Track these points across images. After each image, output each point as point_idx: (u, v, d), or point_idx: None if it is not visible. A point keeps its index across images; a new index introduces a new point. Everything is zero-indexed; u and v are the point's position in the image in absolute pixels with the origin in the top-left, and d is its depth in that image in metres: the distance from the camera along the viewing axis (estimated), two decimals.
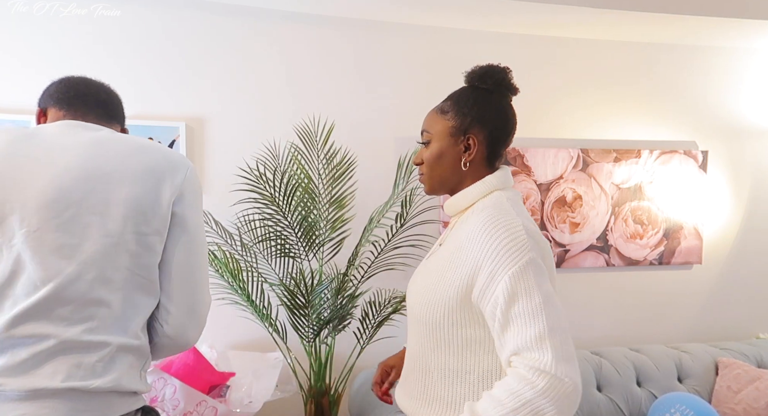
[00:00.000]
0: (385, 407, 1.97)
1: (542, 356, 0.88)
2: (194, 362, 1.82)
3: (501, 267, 0.95)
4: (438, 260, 1.10)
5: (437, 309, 1.04)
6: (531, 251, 0.96)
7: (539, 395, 0.87)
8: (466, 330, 1.03)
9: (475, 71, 1.13)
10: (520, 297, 0.93)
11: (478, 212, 1.06)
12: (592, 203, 2.68)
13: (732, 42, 2.75)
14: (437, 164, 1.12)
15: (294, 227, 2.09)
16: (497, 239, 0.96)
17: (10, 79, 2.09)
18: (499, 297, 0.94)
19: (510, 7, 2.22)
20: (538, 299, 0.92)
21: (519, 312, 0.92)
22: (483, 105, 1.11)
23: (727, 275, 2.92)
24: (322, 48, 2.38)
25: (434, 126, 1.13)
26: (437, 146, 1.12)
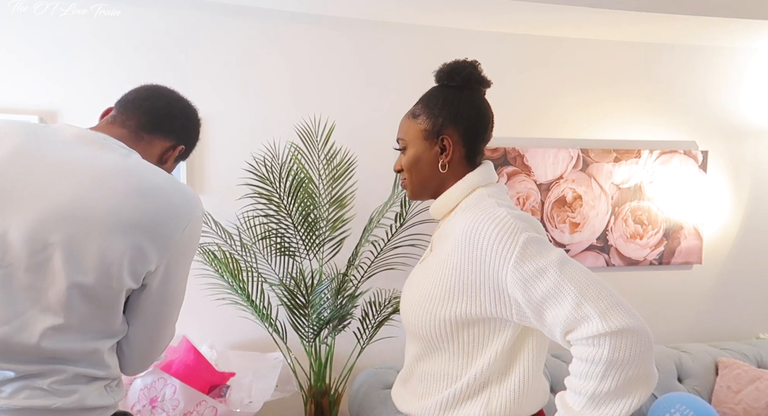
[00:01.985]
0: (385, 407, 1.97)
1: (589, 324, 0.87)
2: (194, 362, 1.82)
3: (500, 265, 0.93)
4: (428, 269, 1.08)
5: (431, 322, 1.03)
6: (522, 231, 0.93)
7: (611, 359, 0.85)
8: (461, 337, 1.02)
9: (442, 69, 1.11)
10: (534, 280, 0.90)
11: (461, 214, 1.05)
12: (592, 203, 2.68)
13: (732, 42, 2.75)
14: (416, 170, 1.10)
15: (295, 226, 2.09)
16: (484, 238, 0.94)
17: (11, 80, 2.09)
18: (516, 294, 0.92)
19: (510, 7, 2.22)
20: (553, 271, 0.90)
21: (543, 295, 0.90)
22: (454, 104, 1.08)
23: (727, 275, 2.92)
24: (323, 48, 2.38)
25: (408, 131, 1.11)
26: (413, 152, 1.10)
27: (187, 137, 1.18)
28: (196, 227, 1.02)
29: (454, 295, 0.99)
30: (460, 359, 1.03)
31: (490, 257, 0.94)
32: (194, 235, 1.03)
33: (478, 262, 0.95)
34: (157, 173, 1.00)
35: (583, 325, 0.87)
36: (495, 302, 0.96)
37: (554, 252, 0.93)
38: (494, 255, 0.93)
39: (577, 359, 0.90)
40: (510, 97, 2.55)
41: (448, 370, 1.05)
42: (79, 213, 0.88)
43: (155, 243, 0.94)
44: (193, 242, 1.03)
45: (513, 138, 2.55)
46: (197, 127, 1.22)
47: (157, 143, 1.11)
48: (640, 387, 0.87)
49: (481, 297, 0.97)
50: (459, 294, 0.99)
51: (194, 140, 1.21)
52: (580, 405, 0.89)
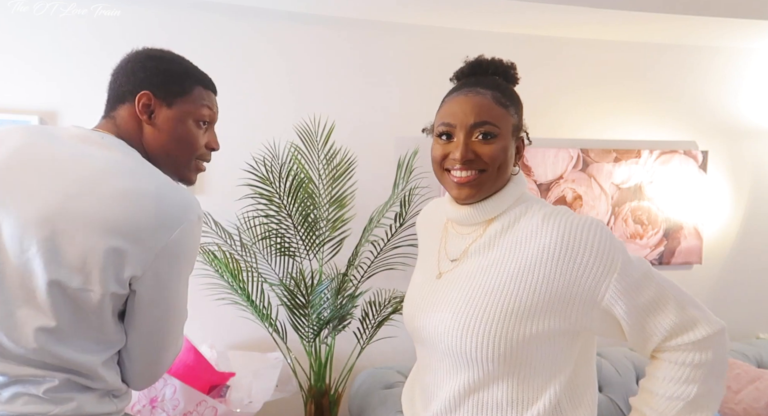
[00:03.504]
0: (385, 407, 1.97)
1: (696, 328, 0.88)
2: (194, 362, 1.82)
3: (605, 273, 0.86)
4: (475, 281, 0.94)
5: (501, 346, 0.88)
6: (618, 240, 0.90)
7: (714, 360, 0.88)
8: (536, 358, 0.90)
9: (502, 66, 1.04)
10: (640, 288, 0.87)
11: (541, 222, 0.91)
12: (592, 203, 2.68)
13: (732, 42, 2.75)
14: (503, 165, 0.95)
15: (295, 226, 2.09)
16: (587, 245, 0.86)
17: (11, 79, 2.09)
18: (616, 303, 0.87)
19: (510, 7, 2.22)
20: (654, 278, 0.89)
21: (648, 302, 0.88)
22: (521, 105, 1.01)
23: (727, 275, 2.91)
24: (323, 48, 2.38)
25: (501, 120, 0.95)
26: (503, 145, 0.95)
27: (141, 82, 1.02)
28: (188, 234, 0.96)
29: (537, 310, 0.88)
30: (531, 383, 0.91)
31: (592, 266, 0.86)
32: (186, 242, 0.96)
33: (575, 271, 0.87)
34: (150, 176, 0.95)
35: (691, 329, 0.88)
36: (583, 313, 0.89)
37: (641, 258, 0.92)
38: (598, 263, 0.86)
39: (675, 364, 0.89)
40: None
41: (516, 397, 0.91)
42: (65, 213, 0.87)
43: (138, 248, 0.89)
44: (186, 250, 0.97)
45: None
46: (151, 62, 1.03)
47: (123, 112, 1.02)
48: (722, 387, 0.91)
49: (569, 310, 0.88)
50: (544, 309, 0.88)
51: (159, 77, 1.03)
52: (674, 411, 0.88)
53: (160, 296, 0.97)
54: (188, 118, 1.05)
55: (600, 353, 2.44)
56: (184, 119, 1.05)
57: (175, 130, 1.05)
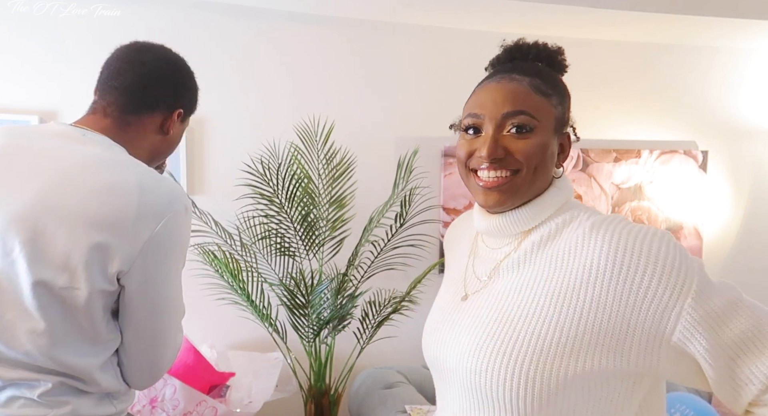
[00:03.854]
0: (385, 407, 1.97)
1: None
2: (194, 362, 1.82)
3: (674, 300, 0.67)
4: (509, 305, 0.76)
5: (538, 386, 0.69)
6: (691, 256, 0.70)
7: None
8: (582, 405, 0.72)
9: (547, 50, 0.86)
10: (727, 319, 0.67)
11: (588, 233, 0.73)
12: (592, 203, 2.68)
13: (732, 42, 2.75)
14: (541, 164, 0.78)
15: (295, 226, 2.09)
16: (648, 265, 0.67)
17: (10, 79, 2.09)
18: (693, 339, 0.67)
19: (510, 7, 2.22)
20: (745, 306, 0.69)
21: (739, 338, 0.67)
22: (568, 97, 0.84)
23: (727, 276, 2.91)
24: (322, 48, 2.38)
25: (541, 111, 0.77)
26: (542, 140, 0.77)
27: (179, 98, 1.05)
28: (175, 226, 0.92)
29: (585, 345, 0.69)
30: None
31: (656, 287, 0.67)
32: (173, 234, 0.92)
33: (633, 295, 0.68)
34: (131, 168, 0.93)
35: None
36: (647, 351, 0.68)
37: (726, 281, 0.72)
38: (665, 284, 0.67)
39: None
40: None
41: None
42: (45, 211, 0.85)
43: (122, 241, 0.87)
44: (174, 242, 0.94)
45: None
46: (188, 80, 1.08)
47: (148, 122, 1.02)
48: None
49: (627, 345, 0.68)
50: (593, 343, 0.69)
51: (191, 96, 1.09)
52: None
53: (151, 291, 0.94)
54: (184, 130, 1.15)
55: None
56: (183, 131, 1.15)
57: (177, 138, 1.12)
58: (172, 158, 2.22)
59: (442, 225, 2.48)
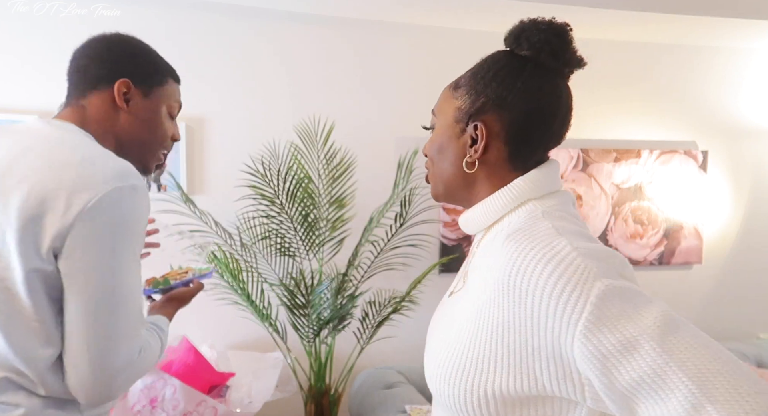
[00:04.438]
0: (385, 407, 1.97)
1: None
2: (194, 362, 1.82)
3: (563, 329, 0.59)
4: (460, 311, 0.74)
5: (467, 397, 0.67)
6: (597, 278, 0.58)
7: None
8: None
9: (513, 29, 0.83)
10: (619, 360, 0.55)
11: (502, 240, 0.69)
12: (592, 203, 2.68)
13: (732, 42, 2.75)
14: (438, 159, 0.79)
15: (295, 226, 2.09)
16: (536, 287, 0.61)
17: (10, 79, 2.09)
18: (588, 373, 0.58)
19: (510, 7, 2.22)
20: (650, 346, 0.54)
21: (633, 384, 0.55)
22: (508, 80, 0.75)
23: (727, 275, 2.92)
24: (322, 48, 2.38)
25: (441, 106, 0.80)
26: (437, 135, 0.79)
27: (118, 69, 0.99)
28: (118, 202, 0.85)
29: (497, 362, 0.65)
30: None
31: (546, 316, 0.60)
32: (115, 210, 0.85)
33: (528, 319, 0.62)
34: (81, 145, 0.89)
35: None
36: (556, 377, 0.62)
37: (650, 312, 0.57)
38: (553, 314, 0.59)
39: None
40: None
41: None
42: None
43: (54, 215, 0.82)
44: (116, 219, 0.85)
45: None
46: (128, 49, 1.02)
47: (97, 100, 0.98)
48: None
49: (534, 369, 0.63)
50: (503, 362, 0.65)
51: (136, 64, 1.01)
52: None
53: (89, 279, 0.84)
54: (162, 108, 1.05)
55: None
56: (159, 109, 1.04)
57: (151, 119, 1.03)
58: (173, 158, 2.22)
59: (442, 225, 2.48)
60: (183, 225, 2.11)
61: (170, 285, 1.25)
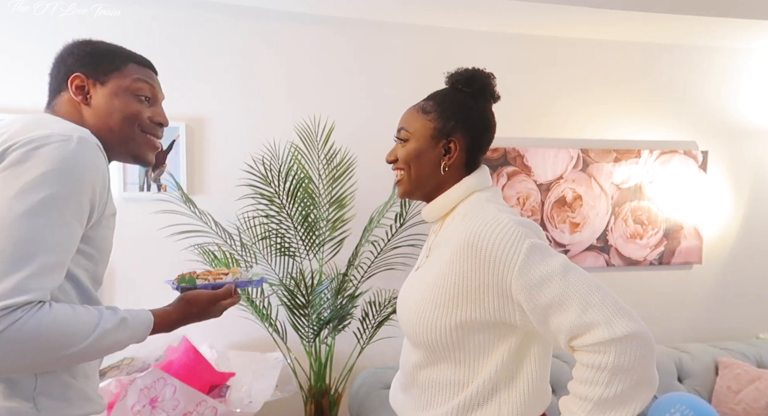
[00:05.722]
0: (385, 407, 1.97)
1: (594, 331, 0.88)
2: (194, 362, 1.82)
3: (505, 272, 0.93)
4: (427, 275, 1.06)
5: (434, 331, 1.01)
6: (525, 238, 0.94)
7: (616, 365, 0.87)
8: (467, 344, 1.01)
9: (460, 74, 1.10)
10: (539, 288, 0.91)
11: (460, 220, 1.03)
12: (592, 203, 2.68)
13: (732, 42, 2.75)
14: (415, 164, 1.08)
15: (295, 226, 2.09)
16: (488, 245, 0.94)
17: (10, 79, 2.09)
18: (520, 300, 0.93)
19: (510, 7, 2.22)
20: (557, 279, 0.91)
21: (547, 303, 0.91)
22: (467, 110, 1.08)
23: (727, 275, 2.91)
24: (322, 48, 2.38)
25: (414, 125, 1.09)
26: (415, 147, 1.08)
27: (70, 66, 1.03)
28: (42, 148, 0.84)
29: (458, 302, 0.99)
30: (467, 366, 1.03)
31: (494, 264, 0.94)
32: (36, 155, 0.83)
33: (482, 269, 0.95)
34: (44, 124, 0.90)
35: (589, 332, 0.89)
36: (499, 307, 0.97)
37: (557, 259, 0.93)
38: (498, 262, 0.93)
39: (581, 365, 0.92)
40: (510, 98, 2.55)
41: (455, 378, 1.04)
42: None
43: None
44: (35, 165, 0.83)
45: (513, 138, 2.55)
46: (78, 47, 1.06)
47: (61, 101, 1.02)
48: (643, 390, 0.89)
49: (485, 303, 0.97)
50: (463, 301, 0.98)
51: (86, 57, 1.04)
52: (585, 411, 0.90)
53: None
54: (124, 92, 1.03)
55: None
56: (120, 93, 1.02)
57: (113, 105, 1.01)
58: (173, 158, 2.22)
59: None
60: (183, 225, 2.11)
61: (194, 285, 1.13)
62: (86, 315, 0.86)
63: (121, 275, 2.20)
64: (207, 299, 1.09)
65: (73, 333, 0.83)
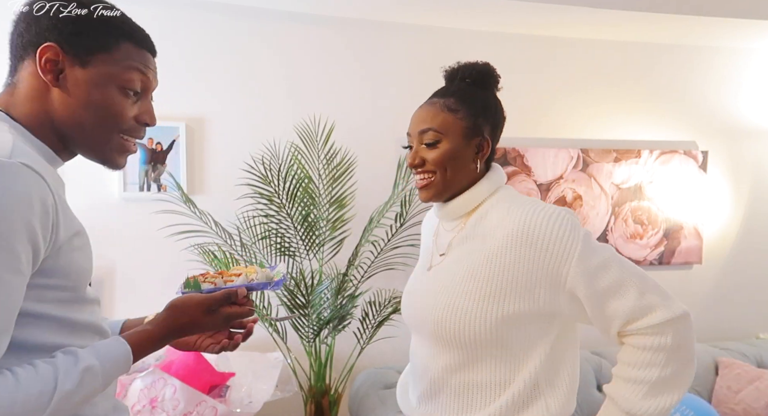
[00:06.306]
0: (385, 407, 1.97)
1: (655, 312, 0.92)
2: (194, 362, 1.82)
3: (564, 259, 0.93)
4: (456, 270, 1.01)
5: (477, 326, 0.96)
6: (579, 225, 0.95)
7: (674, 344, 0.91)
8: (509, 339, 0.97)
9: (471, 69, 1.07)
10: (599, 273, 0.92)
11: (500, 213, 1.00)
12: (592, 203, 2.68)
13: (732, 42, 2.75)
14: (451, 166, 1.03)
15: (295, 226, 2.09)
16: (545, 233, 0.93)
17: None
18: (577, 286, 0.93)
19: (510, 7, 2.22)
20: (615, 264, 0.93)
21: (607, 287, 0.93)
22: (489, 105, 1.06)
23: (727, 275, 2.91)
24: (322, 48, 2.38)
25: (444, 125, 1.03)
26: (450, 147, 1.02)
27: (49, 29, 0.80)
28: None
29: (506, 294, 0.96)
30: (509, 364, 0.99)
31: (551, 253, 0.93)
32: None
33: (536, 258, 0.94)
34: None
35: (650, 314, 0.92)
36: (550, 296, 0.96)
37: (608, 246, 0.97)
38: (556, 251, 0.93)
39: (636, 348, 0.94)
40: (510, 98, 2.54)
41: (495, 378, 0.99)
42: None
43: None
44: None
45: (513, 138, 2.55)
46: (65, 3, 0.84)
47: (24, 74, 0.78)
48: (691, 369, 0.94)
49: (536, 293, 0.95)
50: (511, 292, 0.96)
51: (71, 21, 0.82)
52: (641, 393, 0.92)
53: None
54: (109, 83, 0.81)
55: (600, 353, 2.43)
56: (104, 83, 0.80)
57: (90, 96, 0.79)
58: (173, 158, 2.22)
59: None
60: (183, 225, 2.11)
61: (199, 290, 0.94)
62: (36, 382, 0.68)
63: (121, 275, 2.20)
64: (197, 305, 0.87)
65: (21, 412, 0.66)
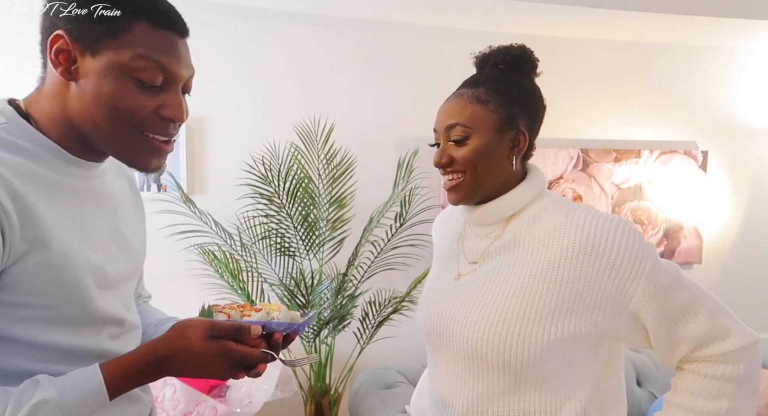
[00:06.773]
0: (385, 407, 1.97)
1: (729, 339, 0.82)
2: None
3: (633, 276, 0.81)
4: (498, 282, 0.88)
5: (526, 349, 0.82)
6: (646, 243, 0.84)
7: (746, 374, 0.82)
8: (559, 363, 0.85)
9: (505, 52, 0.92)
10: (669, 292, 0.82)
11: (565, 218, 0.86)
12: (592, 203, 2.68)
13: (732, 42, 2.75)
14: (484, 164, 0.89)
15: (295, 226, 2.09)
16: (614, 246, 0.81)
17: (11, 80, 2.09)
18: (644, 307, 0.82)
19: (510, 7, 2.22)
20: (685, 283, 0.84)
21: (678, 308, 0.82)
22: (524, 93, 0.92)
23: (727, 276, 2.91)
24: (323, 48, 2.38)
25: (473, 118, 0.89)
26: (482, 143, 0.88)
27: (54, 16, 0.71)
28: None
29: (561, 313, 0.83)
30: (556, 390, 0.86)
31: (618, 269, 0.81)
32: None
33: (600, 273, 0.82)
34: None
35: (722, 340, 0.82)
36: (609, 317, 0.84)
37: (674, 263, 0.87)
38: (624, 266, 0.81)
39: (703, 377, 0.83)
40: None
41: (541, 406, 0.86)
42: None
43: None
44: None
45: None
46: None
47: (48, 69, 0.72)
48: (754, 404, 0.85)
49: (594, 313, 0.83)
50: (567, 312, 0.83)
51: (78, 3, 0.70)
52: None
53: None
54: (120, 73, 0.69)
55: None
56: (114, 74, 0.69)
57: (100, 89, 0.69)
58: (173, 158, 2.22)
59: None
60: (183, 225, 2.11)
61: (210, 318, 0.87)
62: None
63: None
64: (196, 327, 0.75)
65: None
